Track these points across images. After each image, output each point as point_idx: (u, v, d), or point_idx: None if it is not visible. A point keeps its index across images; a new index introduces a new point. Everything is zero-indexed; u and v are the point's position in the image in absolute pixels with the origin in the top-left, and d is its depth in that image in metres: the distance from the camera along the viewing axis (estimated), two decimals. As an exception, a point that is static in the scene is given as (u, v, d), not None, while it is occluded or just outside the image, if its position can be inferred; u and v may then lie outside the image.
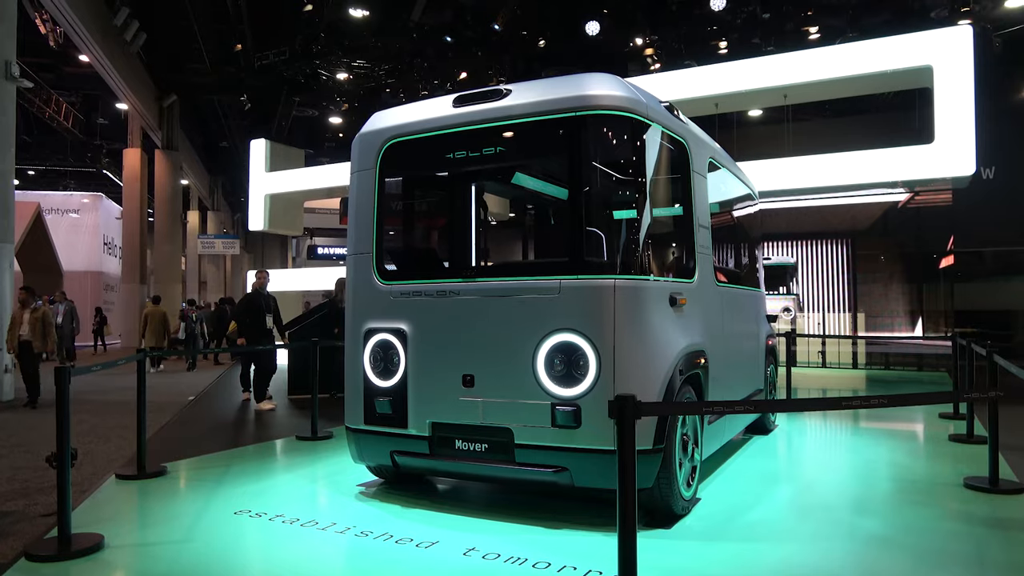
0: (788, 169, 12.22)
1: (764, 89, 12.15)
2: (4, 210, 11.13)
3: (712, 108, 12.96)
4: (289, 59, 17.24)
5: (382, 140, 4.80)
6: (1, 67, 10.97)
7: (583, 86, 4.23)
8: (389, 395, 4.63)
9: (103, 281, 27.21)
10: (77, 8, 16.85)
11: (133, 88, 21.81)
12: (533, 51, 16.84)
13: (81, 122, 25.81)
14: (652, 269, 4.25)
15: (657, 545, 3.86)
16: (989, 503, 4.66)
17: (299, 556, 3.74)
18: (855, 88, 12.47)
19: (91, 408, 10.04)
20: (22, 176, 32.23)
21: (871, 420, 8.24)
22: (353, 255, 4.89)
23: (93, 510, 4.65)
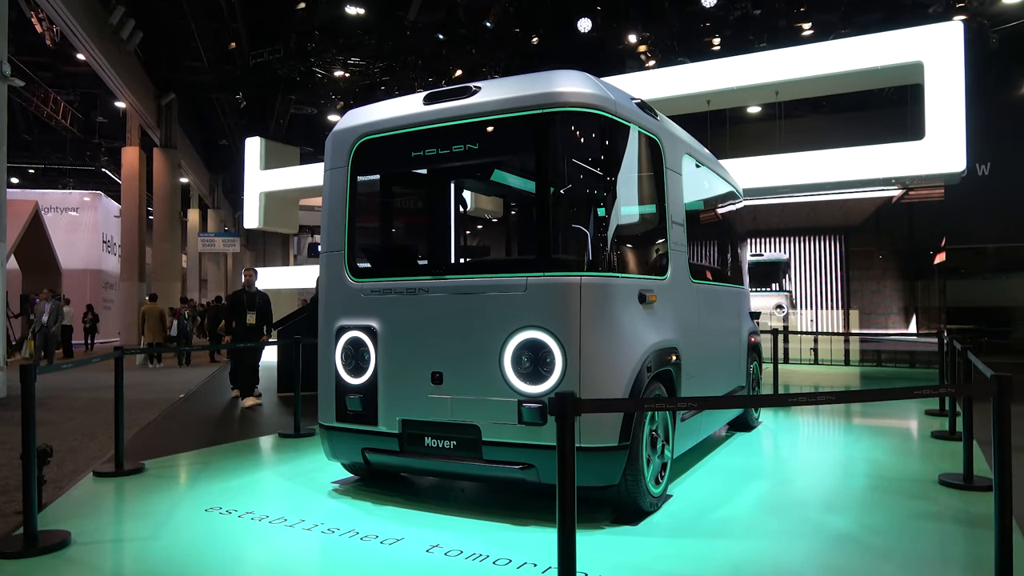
0: (777, 166, 12.21)
1: (756, 86, 12.13)
2: (-4, 208, 11.16)
3: (704, 105, 12.93)
4: (284, 57, 17.25)
5: (354, 138, 4.81)
6: (-8, 66, 10.97)
7: (551, 83, 4.22)
8: (360, 392, 4.64)
9: (102, 279, 27.29)
10: (72, 7, 16.87)
11: (130, 86, 21.84)
12: (527, 48, 16.82)
13: (80, 120, 25.86)
14: (620, 266, 4.25)
15: (620, 542, 3.86)
16: (962, 500, 4.65)
17: (262, 553, 3.76)
18: (846, 85, 12.44)
19: (80, 405, 10.09)
20: (22, 174, 32.35)
21: (856, 417, 8.23)
22: (326, 253, 4.90)
23: (66, 507, 4.67)
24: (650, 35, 15.40)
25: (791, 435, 7.13)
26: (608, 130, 4.26)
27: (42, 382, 13.47)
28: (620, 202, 4.40)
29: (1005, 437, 2.96)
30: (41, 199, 25.33)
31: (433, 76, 17.47)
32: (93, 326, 22.55)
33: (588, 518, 4.25)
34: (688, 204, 5.76)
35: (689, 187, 5.64)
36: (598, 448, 3.99)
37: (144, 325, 17.25)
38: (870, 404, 8.81)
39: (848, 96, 17.22)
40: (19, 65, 21.69)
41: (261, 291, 9.94)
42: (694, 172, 5.79)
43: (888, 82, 12.31)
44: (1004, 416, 2.95)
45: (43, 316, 15.88)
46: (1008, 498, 2.96)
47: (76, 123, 25.47)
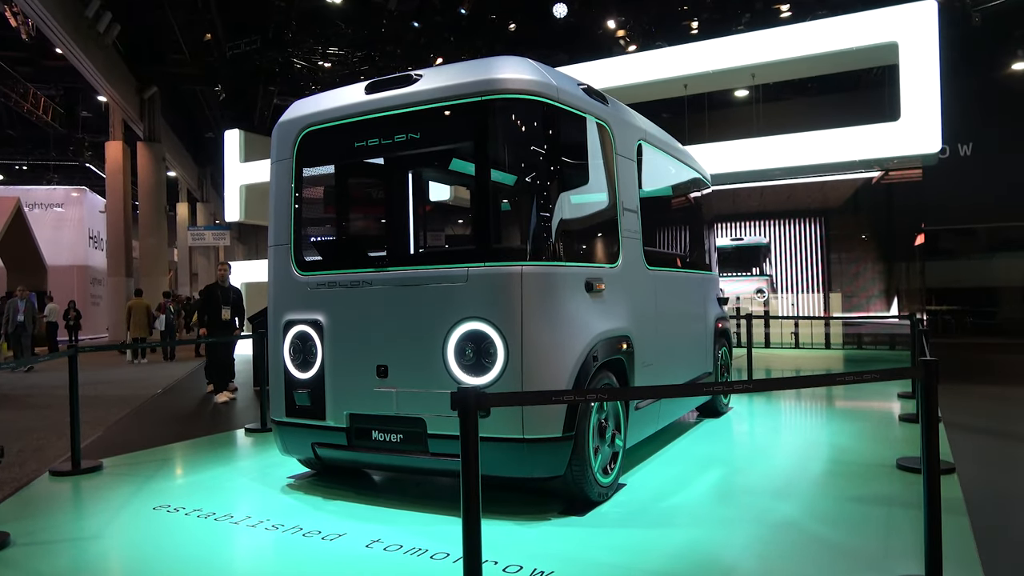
0: (751, 149, 12.13)
1: (731, 69, 12.03)
2: (-33, 206, 11.08)
3: (681, 89, 12.84)
4: (261, 48, 17.10)
5: (298, 129, 4.74)
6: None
7: (490, 70, 4.16)
8: (308, 387, 4.60)
9: (89, 275, 27.18)
10: (46, 1, 16.69)
11: (111, 80, 21.67)
12: (504, 35, 16.68)
13: (61, 115, 25.67)
14: (565, 255, 4.20)
15: (563, 533, 3.84)
16: (916, 485, 4.63)
17: (203, 550, 3.72)
18: (822, 66, 12.35)
19: (57, 403, 10.03)
20: (7, 171, 32.17)
21: (828, 400, 8.22)
22: (272, 246, 4.84)
23: (15, 507, 4.63)
24: (628, 19, 15.28)
25: (759, 420, 7.11)
26: (549, 117, 4.20)
27: (24, 380, 13.42)
28: (564, 190, 4.34)
29: (932, 420, 2.94)
30: (25, 195, 25.17)
31: (412, 64, 17.33)
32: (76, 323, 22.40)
33: (538, 509, 4.23)
34: (646, 191, 5.70)
35: (646, 174, 5.58)
36: (541, 439, 3.96)
37: (130, 320, 17.20)
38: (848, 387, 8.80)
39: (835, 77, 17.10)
40: (-3, 61, 21.53)
41: (234, 286, 9.90)
42: (652, 159, 5.73)
43: (864, 63, 12.23)
44: (931, 400, 2.92)
45: (18, 315, 15.77)
46: (936, 479, 2.94)
47: (58, 118, 25.29)
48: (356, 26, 15.97)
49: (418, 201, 4.69)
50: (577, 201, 4.55)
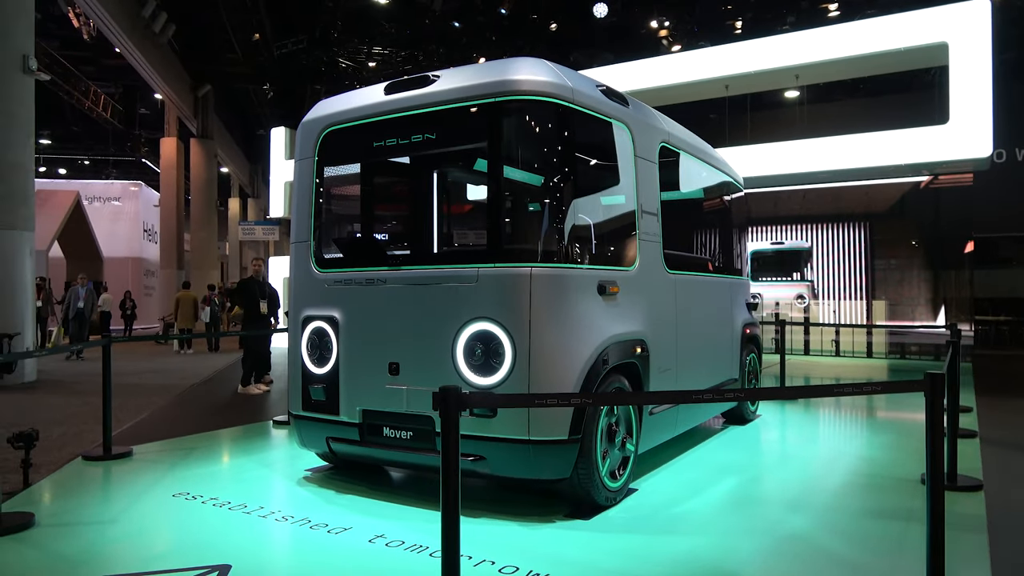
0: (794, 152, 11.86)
1: (774, 70, 11.79)
2: (24, 199, 11.54)
3: (722, 90, 12.63)
4: (308, 47, 17.42)
5: (319, 128, 4.83)
6: (19, 60, 11.32)
7: (505, 71, 4.17)
8: (323, 382, 4.68)
9: (143, 267, 28.10)
10: (105, 1, 17.31)
11: (166, 78, 22.37)
12: (545, 35, 16.64)
13: (120, 112, 26.57)
14: (577, 257, 4.19)
15: (565, 536, 3.83)
16: (938, 500, 4.48)
17: (212, 538, 3.82)
18: (869, 67, 12.00)
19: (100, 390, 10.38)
20: (71, 165, 33.45)
21: (868, 410, 8.00)
22: (294, 243, 4.94)
23: (45, 490, 4.83)
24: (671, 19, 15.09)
25: (787, 429, 6.96)
26: (564, 118, 4.19)
27: (74, 367, 13.87)
28: (578, 192, 4.33)
29: (937, 433, 2.84)
30: (85, 189, 26.15)
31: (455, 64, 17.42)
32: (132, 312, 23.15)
33: (545, 511, 4.23)
34: (669, 194, 5.65)
35: (669, 177, 5.53)
36: (547, 441, 3.95)
37: (178, 311, 17.74)
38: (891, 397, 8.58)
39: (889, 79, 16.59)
40: (61, 60, 22.40)
41: (269, 282, 10.13)
42: (676, 162, 5.67)
43: (912, 64, 11.84)
44: (937, 413, 2.82)
45: (78, 302, 16.34)
46: (939, 491, 2.85)
47: (116, 115, 26.18)
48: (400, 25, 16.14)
49: (433, 201, 4.73)
50: (592, 203, 4.53)
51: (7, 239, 11.23)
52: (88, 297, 16.47)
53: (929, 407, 2.83)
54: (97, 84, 25.54)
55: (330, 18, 16.65)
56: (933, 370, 2.84)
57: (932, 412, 2.81)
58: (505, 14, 14.73)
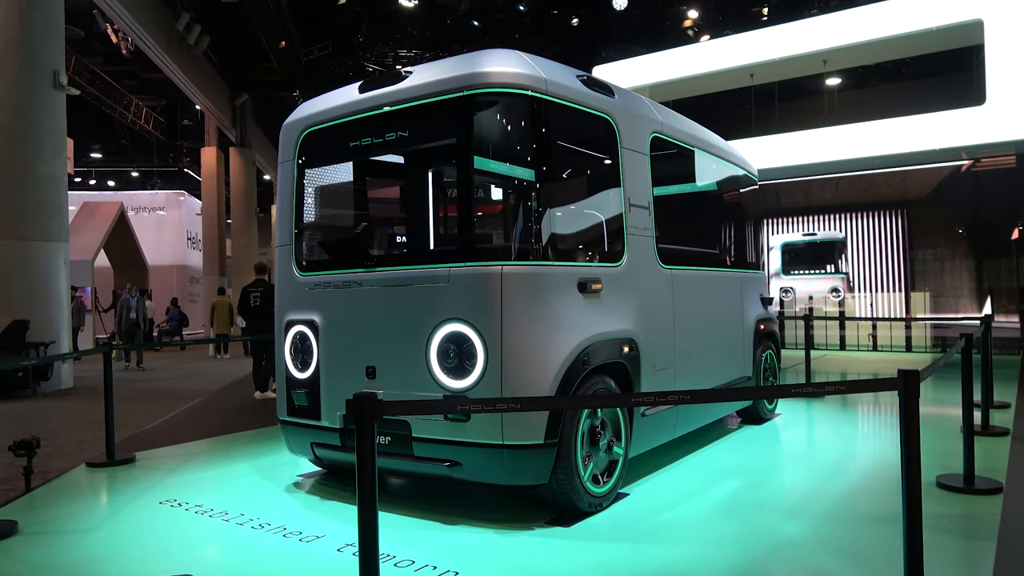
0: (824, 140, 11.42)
1: (801, 56, 11.37)
2: (57, 211, 11.89)
3: (747, 79, 12.25)
4: (333, 52, 17.55)
5: (299, 130, 4.77)
6: (50, 76, 11.65)
7: (474, 64, 4.04)
8: (305, 387, 4.62)
9: (188, 274, 28.80)
10: (140, 17, 17.74)
11: (204, 89, 22.86)
12: (567, 30, 16.42)
13: (162, 124, 27.27)
14: (553, 254, 4.03)
15: (540, 544, 3.68)
16: (949, 505, 4.19)
17: (181, 546, 3.79)
18: (900, 49, 11.50)
19: (130, 395, 10.62)
20: (119, 177, 34.50)
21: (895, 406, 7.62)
22: (278, 247, 4.90)
23: (41, 496, 4.88)
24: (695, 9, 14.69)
25: (805, 428, 6.66)
26: (537, 111, 4.03)
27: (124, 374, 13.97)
28: (555, 186, 4.18)
29: (912, 433, 2.60)
30: (131, 200, 26.94)
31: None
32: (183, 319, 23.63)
33: (526, 517, 4.09)
34: (667, 187, 5.45)
35: (665, 169, 5.33)
36: (522, 445, 3.81)
37: (214, 317, 18.09)
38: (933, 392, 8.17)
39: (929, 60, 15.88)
40: (103, 75, 23.10)
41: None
42: (672, 153, 5.46)
43: (945, 44, 11.26)
44: (911, 413, 2.59)
45: (131, 312, 16.64)
46: (916, 495, 2.61)
47: (159, 127, 26.88)
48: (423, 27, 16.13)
49: (408, 200, 4.63)
50: (571, 198, 4.37)
51: (42, 251, 11.58)
52: (139, 306, 16.75)
53: (903, 407, 2.60)
54: (140, 98, 26.27)
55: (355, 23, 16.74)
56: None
57: (906, 412, 2.58)
58: (524, 11, 14.58)
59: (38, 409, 9.68)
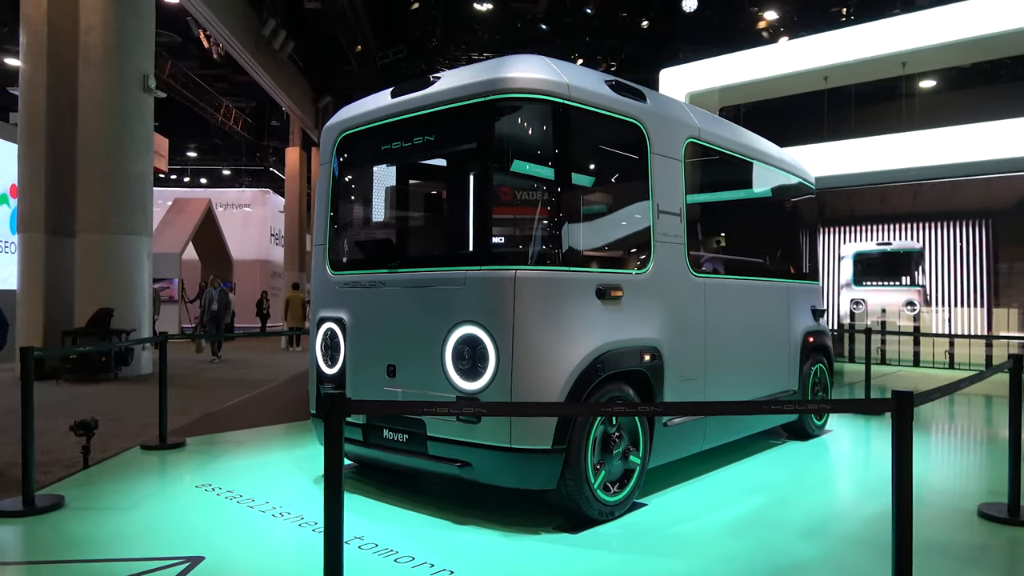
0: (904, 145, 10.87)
1: (877, 58, 10.87)
2: (142, 207, 12.61)
3: (821, 82, 11.81)
4: (408, 56, 17.93)
5: (336, 133, 4.93)
6: (139, 80, 12.38)
7: (498, 70, 4.08)
8: (333, 382, 4.77)
9: (270, 269, 30.00)
10: (229, 23, 18.61)
11: (289, 92, 23.78)
12: (638, 32, 16.21)
13: (250, 125, 28.50)
14: (572, 259, 4.03)
15: (542, 550, 3.68)
16: (987, 536, 3.95)
17: (204, 529, 3.98)
18: (988, 51, 10.81)
19: (199, 383, 11.18)
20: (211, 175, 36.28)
21: (963, 426, 7.21)
22: (315, 246, 5.08)
23: (92, 474, 5.22)
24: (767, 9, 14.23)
25: (854, 447, 6.36)
26: (559, 116, 4.04)
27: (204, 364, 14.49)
28: (576, 191, 4.18)
29: (904, 458, 2.48)
30: (219, 197, 28.28)
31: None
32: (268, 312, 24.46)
33: (539, 521, 4.09)
34: (704, 193, 5.36)
35: (705, 174, 5.24)
36: (530, 450, 3.83)
37: (287, 311, 18.80)
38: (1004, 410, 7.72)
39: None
40: (196, 79, 24.34)
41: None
42: (716, 159, 5.35)
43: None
44: (903, 436, 2.47)
45: (212, 304, 17.36)
46: (905, 523, 2.48)
47: (247, 128, 28.10)
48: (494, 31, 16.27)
49: (433, 202, 4.70)
50: (595, 203, 4.35)
51: (127, 243, 12.30)
52: (221, 298, 17.35)
53: (896, 431, 2.48)
54: (231, 100, 27.53)
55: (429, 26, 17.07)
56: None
57: (899, 436, 2.46)
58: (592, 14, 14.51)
59: (117, 392, 10.30)
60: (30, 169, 12.38)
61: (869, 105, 16.51)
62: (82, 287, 12.02)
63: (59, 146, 12.31)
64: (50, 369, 11.75)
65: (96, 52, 11.95)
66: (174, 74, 22.39)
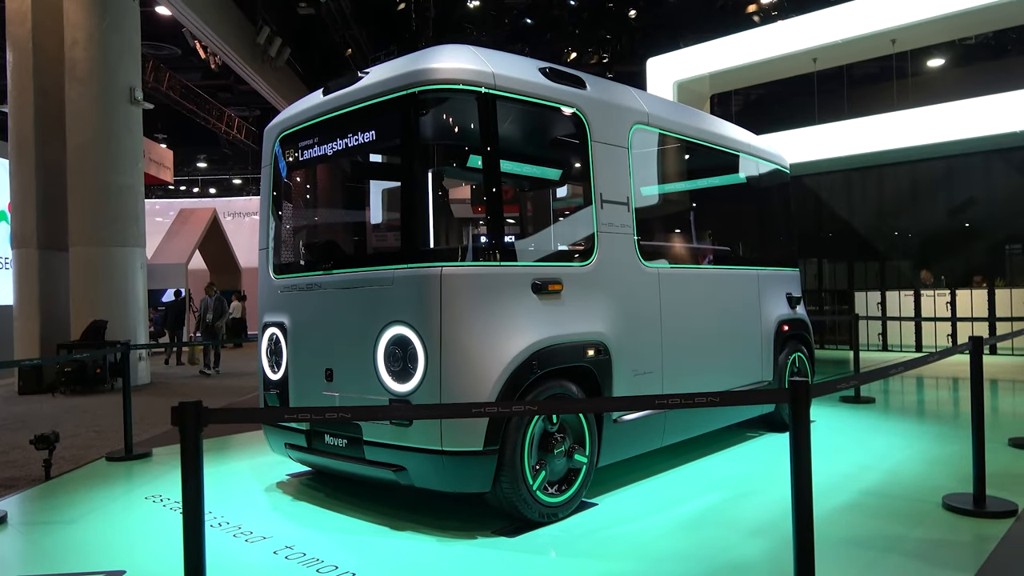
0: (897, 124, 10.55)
1: (866, 36, 10.58)
2: (135, 218, 12.66)
3: (810, 64, 11.53)
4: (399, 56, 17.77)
5: (275, 135, 4.85)
6: (126, 93, 12.43)
7: (419, 61, 3.97)
8: (277, 388, 4.68)
9: (279, 276, 30.09)
10: (223, 33, 18.67)
11: (288, 98, 23.80)
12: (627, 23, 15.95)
13: (254, 133, 28.63)
14: (502, 254, 3.89)
15: (470, 555, 3.56)
16: (946, 530, 3.76)
17: (135, 541, 3.91)
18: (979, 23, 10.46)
19: (190, 392, 11.17)
20: (220, 185, 36.55)
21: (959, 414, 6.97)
22: (259, 250, 4.99)
23: (49, 488, 5.18)
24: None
25: (832, 437, 6.13)
26: (483, 106, 3.90)
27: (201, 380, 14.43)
28: (504, 183, 4.04)
29: (803, 450, 2.32)
30: (227, 206, 28.46)
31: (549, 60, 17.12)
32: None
33: (479, 525, 3.97)
34: (658, 180, 5.20)
35: (658, 161, 5.08)
36: (460, 452, 3.70)
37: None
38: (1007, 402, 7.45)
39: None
40: (196, 90, 24.50)
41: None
42: (670, 145, 5.19)
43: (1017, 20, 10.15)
44: (800, 426, 2.31)
45: (207, 313, 17.30)
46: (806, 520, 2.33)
47: (251, 136, 28.24)
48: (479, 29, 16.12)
49: (363, 201, 4.59)
50: (526, 195, 4.22)
51: (120, 255, 12.36)
52: (216, 307, 17.18)
53: (792, 421, 2.32)
54: (235, 109, 27.69)
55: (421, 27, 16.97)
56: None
57: (795, 427, 2.30)
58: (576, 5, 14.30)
59: (109, 403, 10.31)
60: (21, 185, 12.49)
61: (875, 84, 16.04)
62: (76, 300, 12.10)
63: (49, 161, 12.41)
64: (47, 382, 11.85)
65: (81, 67, 12.02)
66: (173, 86, 22.53)
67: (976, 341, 4.03)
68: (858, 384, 6.61)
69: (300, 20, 20.98)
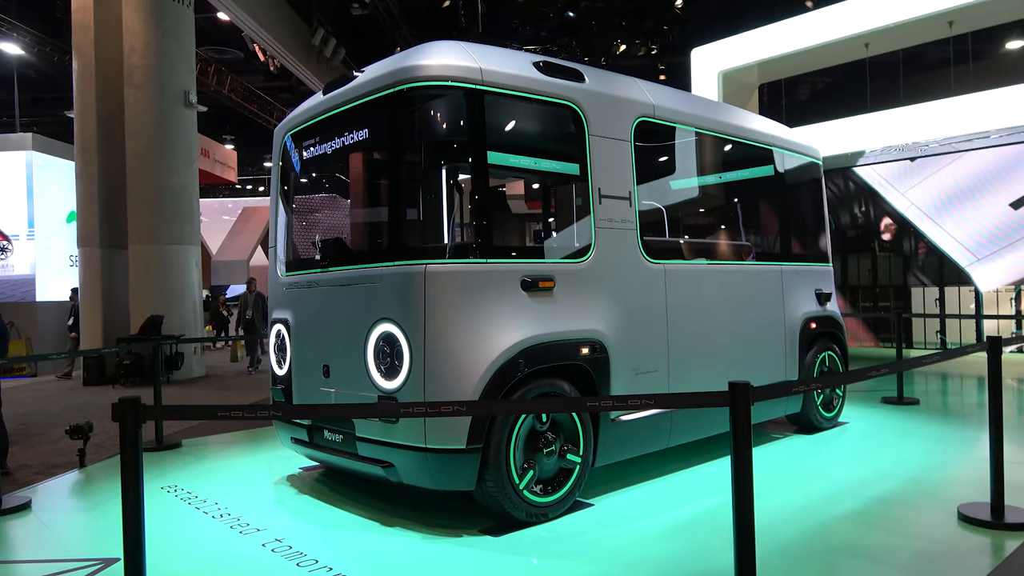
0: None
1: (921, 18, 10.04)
2: (189, 217, 13.14)
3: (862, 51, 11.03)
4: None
5: (282, 134, 4.94)
6: (181, 97, 12.90)
7: (407, 59, 3.97)
8: (283, 383, 4.78)
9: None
10: (279, 36, 19.20)
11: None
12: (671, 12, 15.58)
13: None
14: (491, 251, 3.86)
15: (452, 554, 3.56)
16: (959, 542, 3.54)
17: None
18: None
19: (235, 388, 11.54)
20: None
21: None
22: (269, 248, 5.10)
23: (78, 476, 5.43)
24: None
25: (858, 440, 5.86)
26: (472, 102, 3.88)
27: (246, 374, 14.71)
28: (494, 180, 4.01)
29: (742, 455, 2.22)
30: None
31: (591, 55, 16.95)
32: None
33: (467, 522, 3.96)
34: (666, 173, 5.08)
35: (667, 155, 4.96)
36: (444, 450, 3.70)
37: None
38: None
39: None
40: (259, 93, 25.25)
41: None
42: (681, 138, 5.05)
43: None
44: (740, 429, 2.21)
45: (247, 310, 17.60)
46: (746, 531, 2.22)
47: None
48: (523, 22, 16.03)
49: (358, 198, 4.61)
50: (519, 191, 4.16)
51: (176, 253, 12.85)
52: (255, 304, 17.21)
53: (733, 425, 2.22)
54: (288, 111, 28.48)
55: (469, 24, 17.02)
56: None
57: (736, 428, 2.20)
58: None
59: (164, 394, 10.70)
60: (86, 187, 13.11)
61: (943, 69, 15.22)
62: (135, 296, 12.64)
63: (111, 164, 12.99)
64: (109, 374, 12.43)
65: (139, 73, 12.53)
66: (235, 88, 23.26)
67: (994, 341, 3.78)
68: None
69: (354, 20, 21.36)
